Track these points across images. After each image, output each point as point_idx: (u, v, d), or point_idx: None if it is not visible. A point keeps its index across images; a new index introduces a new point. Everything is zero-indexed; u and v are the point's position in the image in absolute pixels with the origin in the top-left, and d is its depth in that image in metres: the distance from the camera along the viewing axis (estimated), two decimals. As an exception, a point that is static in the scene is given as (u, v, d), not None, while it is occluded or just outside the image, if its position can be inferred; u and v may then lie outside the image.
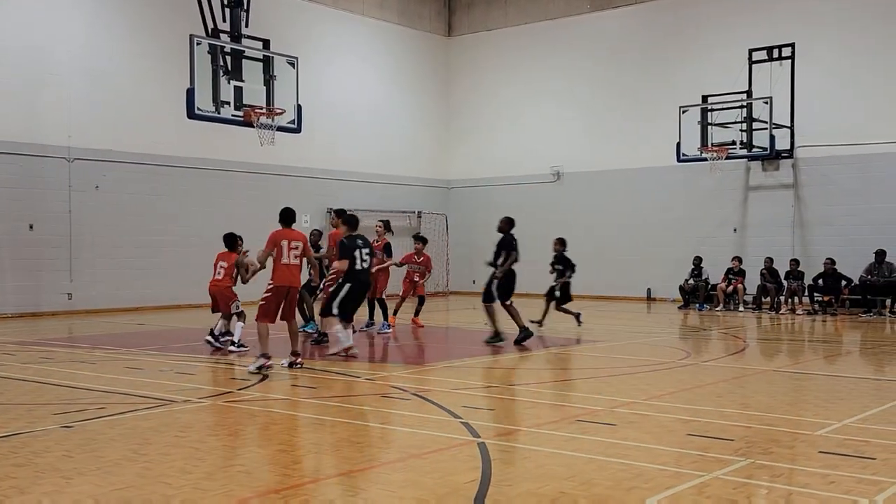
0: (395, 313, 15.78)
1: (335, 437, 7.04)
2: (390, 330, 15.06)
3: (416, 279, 16.12)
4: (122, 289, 19.60)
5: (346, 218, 12.20)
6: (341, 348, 11.40)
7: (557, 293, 16.30)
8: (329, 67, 24.17)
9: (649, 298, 23.84)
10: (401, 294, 16.38)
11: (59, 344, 13.25)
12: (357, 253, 11.40)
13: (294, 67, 15.75)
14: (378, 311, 15.06)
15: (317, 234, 14.66)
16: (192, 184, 20.95)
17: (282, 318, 10.53)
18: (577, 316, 16.28)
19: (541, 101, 26.09)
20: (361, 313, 13.72)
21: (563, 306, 16.36)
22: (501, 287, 13.17)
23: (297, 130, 16.23)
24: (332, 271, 12.69)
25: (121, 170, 19.82)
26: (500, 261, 13.28)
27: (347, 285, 11.40)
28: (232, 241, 12.58)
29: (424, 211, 26.90)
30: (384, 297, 15.05)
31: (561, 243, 16.50)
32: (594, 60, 25.01)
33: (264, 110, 15.18)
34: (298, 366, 10.35)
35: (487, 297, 13.18)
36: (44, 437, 6.87)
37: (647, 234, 23.90)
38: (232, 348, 12.09)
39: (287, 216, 10.77)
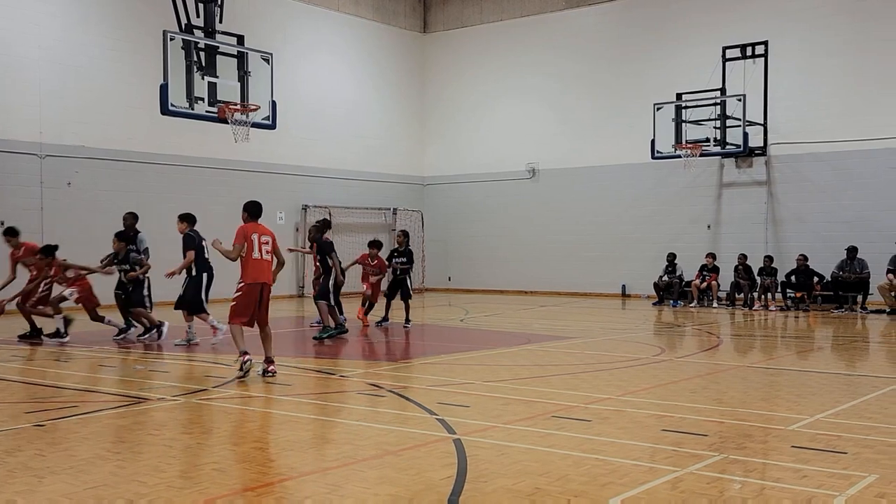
0: (366, 314, 15.78)
1: (310, 434, 7.02)
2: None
3: (373, 280, 15.79)
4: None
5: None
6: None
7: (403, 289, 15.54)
8: (304, 63, 24.07)
9: (624, 295, 23.98)
10: (363, 293, 15.97)
11: (31, 342, 13.09)
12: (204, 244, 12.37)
13: (269, 63, 15.66)
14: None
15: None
16: (165, 180, 20.79)
17: (255, 322, 9.78)
18: (384, 319, 15.61)
19: (516, 97, 26.15)
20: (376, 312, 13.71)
21: (400, 300, 15.65)
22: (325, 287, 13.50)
23: (272, 127, 16.16)
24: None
25: (93, 166, 19.64)
26: (330, 263, 13.53)
27: (204, 275, 12.50)
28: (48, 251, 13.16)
29: (400, 207, 26.87)
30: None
31: (405, 235, 15.79)
32: (569, 57, 25.10)
33: (239, 106, 15.08)
34: (271, 374, 9.57)
35: (321, 296, 13.49)
36: (15, 435, 6.79)
37: (622, 230, 24.04)
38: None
39: (256, 209, 9.96)
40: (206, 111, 14.86)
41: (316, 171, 24.49)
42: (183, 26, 15.26)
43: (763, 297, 20.11)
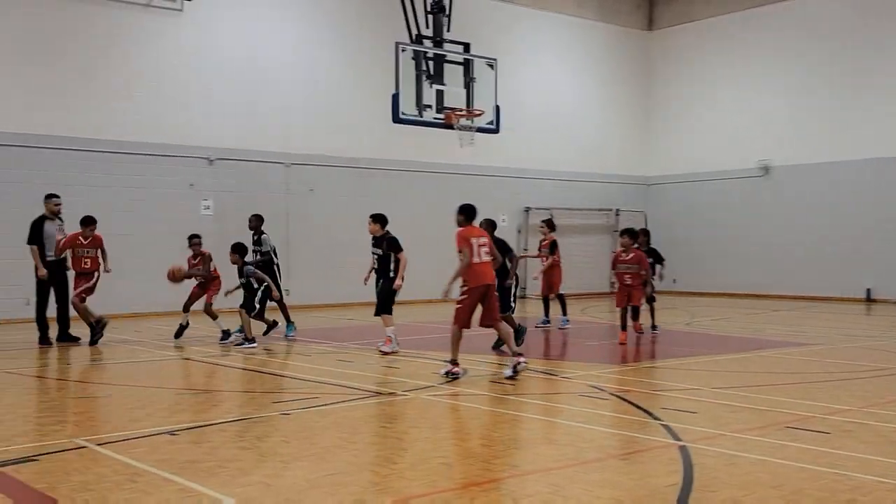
0: (623, 328, 13.30)
1: (533, 433, 7.11)
2: (568, 325, 15.42)
3: (629, 281, 13.19)
4: (333, 285, 20.67)
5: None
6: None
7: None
8: (526, 67, 24.32)
9: (868, 299, 22.21)
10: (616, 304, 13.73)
11: (278, 337, 14.18)
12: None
13: (493, 69, 16.01)
14: (553, 308, 15.61)
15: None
16: (395, 185, 21.77)
17: (483, 325, 9.90)
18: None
19: (747, 91, 24.96)
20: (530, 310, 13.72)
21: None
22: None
23: (496, 131, 16.48)
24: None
25: (332, 173, 20.97)
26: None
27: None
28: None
29: (623, 208, 26.48)
30: (561, 293, 15.72)
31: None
32: (806, 45, 23.61)
33: (464, 112, 15.53)
34: (523, 365, 9.65)
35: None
36: (265, 423, 7.41)
37: (866, 230, 22.26)
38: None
39: (472, 212, 9.99)
40: (434, 118, 15.44)
41: (538, 173, 24.68)
42: (413, 37, 15.93)
43: None
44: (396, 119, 15.08)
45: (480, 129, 15.97)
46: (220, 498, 5.09)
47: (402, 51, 15.03)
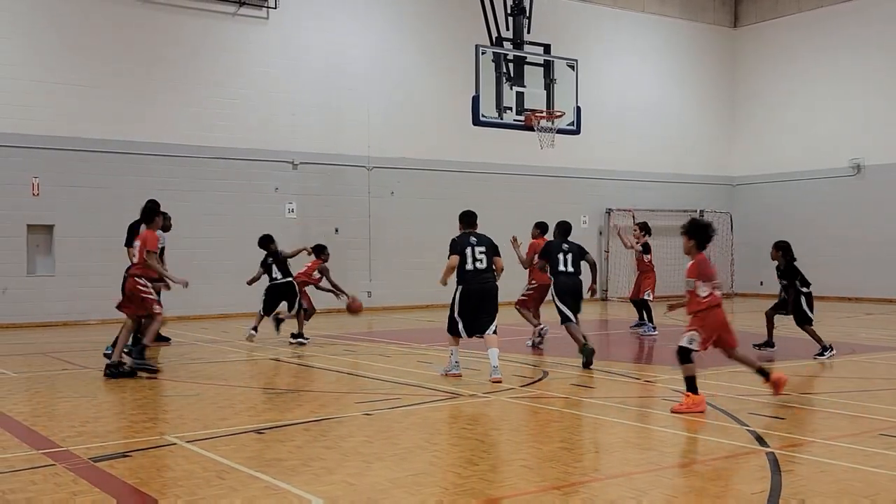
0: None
1: (615, 437, 7.03)
2: (655, 332, 14.51)
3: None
4: (414, 287, 20.83)
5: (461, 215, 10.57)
6: (444, 371, 9.97)
7: None
8: (607, 67, 24.08)
9: (971, 303, 21.24)
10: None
11: (361, 338, 14.37)
12: (469, 251, 9.87)
13: (573, 70, 15.90)
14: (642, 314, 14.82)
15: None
16: (476, 188, 21.80)
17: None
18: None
19: (837, 87, 24.18)
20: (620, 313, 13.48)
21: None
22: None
23: (577, 132, 16.35)
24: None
25: (412, 176, 21.15)
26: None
27: (458, 289, 10.00)
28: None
29: (707, 209, 25.94)
30: (647, 298, 14.69)
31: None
32: (894, 40, 22.71)
33: (544, 114, 15.45)
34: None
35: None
36: (348, 423, 7.52)
37: (968, 230, 21.30)
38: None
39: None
40: (514, 120, 15.41)
41: (619, 174, 24.39)
42: (493, 40, 15.93)
43: None
44: (477, 122, 15.10)
45: (561, 131, 15.87)
46: (308, 497, 5.19)
47: (483, 53, 15.04)
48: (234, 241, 18.67)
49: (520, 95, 15.39)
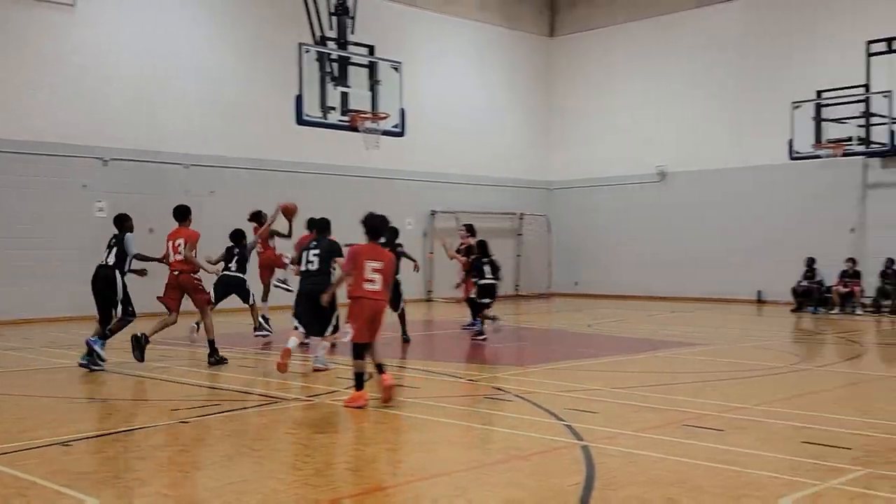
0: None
1: (438, 436, 7.11)
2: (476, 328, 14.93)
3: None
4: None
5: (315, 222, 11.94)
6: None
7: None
8: (432, 70, 24.40)
9: (759, 301, 23.13)
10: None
11: (177, 343, 13.79)
12: (303, 254, 10.74)
13: (398, 72, 15.97)
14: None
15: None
16: (300, 188, 21.42)
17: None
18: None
19: (645, 99, 25.68)
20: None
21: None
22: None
23: (401, 134, 16.44)
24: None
25: (234, 175, 20.54)
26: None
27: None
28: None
29: (527, 212, 26.85)
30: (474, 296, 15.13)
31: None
32: (701, 56, 24.45)
33: (369, 115, 15.44)
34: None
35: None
36: (164, 431, 7.18)
37: (757, 234, 23.19)
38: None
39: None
40: (339, 120, 15.29)
41: (443, 176, 24.77)
42: (317, 39, 15.75)
43: (912, 303, 18.98)
44: (300, 121, 14.87)
45: (386, 133, 15.90)
46: (116, 510, 4.91)
47: (306, 52, 14.83)
48: (37, 241, 17.47)
49: (344, 96, 15.29)
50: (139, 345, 10.72)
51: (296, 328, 10.36)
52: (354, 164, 22.02)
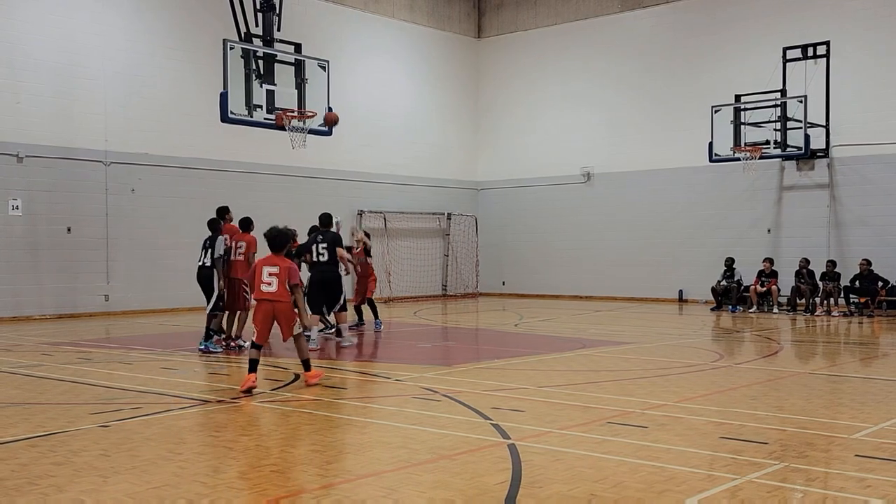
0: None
1: (366, 437, 7.08)
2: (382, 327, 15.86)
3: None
4: (157, 290, 19.85)
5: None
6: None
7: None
8: (359, 70, 24.29)
9: (681, 300, 23.67)
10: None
11: (97, 345, 13.44)
12: (313, 247, 12.69)
13: (325, 70, 15.85)
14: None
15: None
16: (224, 186, 21.13)
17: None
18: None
19: (571, 101, 26.03)
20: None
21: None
22: None
23: (328, 133, 16.33)
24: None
25: (156, 173, 20.09)
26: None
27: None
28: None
29: (454, 212, 26.95)
30: (371, 298, 16.04)
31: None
32: (625, 60, 24.92)
33: (296, 113, 15.29)
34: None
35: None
36: (81, 436, 6.98)
37: (679, 234, 23.74)
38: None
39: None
40: (265, 118, 15.10)
41: (371, 176, 24.69)
42: (242, 35, 15.53)
43: (825, 302, 19.68)
44: (225, 118, 14.63)
45: (312, 131, 15.77)
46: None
47: (231, 48, 14.59)
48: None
49: (270, 94, 15.10)
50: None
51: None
52: (283, 163, 21.78)
